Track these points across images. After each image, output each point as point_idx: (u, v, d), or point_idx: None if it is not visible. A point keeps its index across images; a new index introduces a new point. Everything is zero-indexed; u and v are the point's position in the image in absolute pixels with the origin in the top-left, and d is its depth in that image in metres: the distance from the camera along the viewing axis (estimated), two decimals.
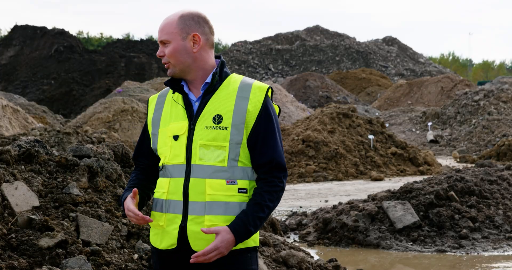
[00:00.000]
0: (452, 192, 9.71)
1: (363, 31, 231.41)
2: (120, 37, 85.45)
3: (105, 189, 5.74)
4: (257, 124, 3.05)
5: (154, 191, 3.20)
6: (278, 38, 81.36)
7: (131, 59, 57.96)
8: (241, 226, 2.98)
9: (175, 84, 3.16)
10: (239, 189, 3.04)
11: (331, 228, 9.68)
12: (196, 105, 3.11)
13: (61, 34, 62.56)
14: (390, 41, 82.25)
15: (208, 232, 2.95)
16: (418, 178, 16.53)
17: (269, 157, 3.06)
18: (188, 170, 3.04)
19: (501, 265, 8.31)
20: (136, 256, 5.24)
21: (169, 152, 3.09)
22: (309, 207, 12.94)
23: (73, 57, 57.51)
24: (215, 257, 2.95)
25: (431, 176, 13.34)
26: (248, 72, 71.49)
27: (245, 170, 3.07)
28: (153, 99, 3.26)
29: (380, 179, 17.16)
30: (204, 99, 3.08)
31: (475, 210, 9.64)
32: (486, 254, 8.79)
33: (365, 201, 10.31)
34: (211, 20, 3.22)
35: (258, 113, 3.05)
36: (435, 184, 10.04)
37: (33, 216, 5.04)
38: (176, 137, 3.08)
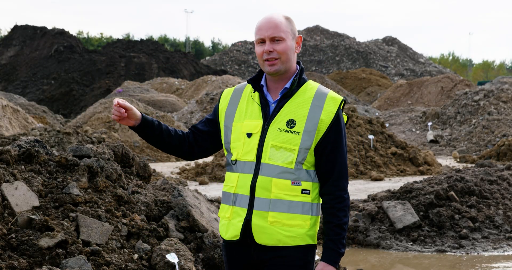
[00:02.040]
0: (452, 192, 9.71)
1: (363, 31, 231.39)
2: (120, 37, 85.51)
3: (105, 189, 5.74)
4: (328, 134, 3.23)
5: (223, 185, 3.37)
6: None
7: (131, 59, 57.96)
8: (333, 254, 3.27)
9: (256, 83, 3.33)
10: (302, 190, 3.23)
11: None
12: (272, 107, 3.28)
13: (61, 34, 62.56)
14: (390, 41, 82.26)
15: None
16: (418, 178, 16.53)
17: (335, 166, 3.25)
18: (257, 167, 3.23)
19: (501, 265, 8.31)
20: (136, 256, 5.24)
21: (241, 148, 3.27)
22: None
23: (73, 57, 57.50)
24: None
25: (431, 176, 13.34)
26: (248, 72, 71.48)
27: (309, 172, 3.25)
28: (229, 92, 3.42)
29: (380, 179, 17.16)
30: (281, 103, 3.26)
31: (475, 210, 9.64)
32: (486, 254, 8.79)
33: (365, 201, 10.31)
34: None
35: (330, 123, 3.23)
36: (435, 184, 10.04)
37: (33, 216, 5.04)
38: (249, 135, 3.26)
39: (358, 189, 15.40)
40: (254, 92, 3.32)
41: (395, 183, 16.05)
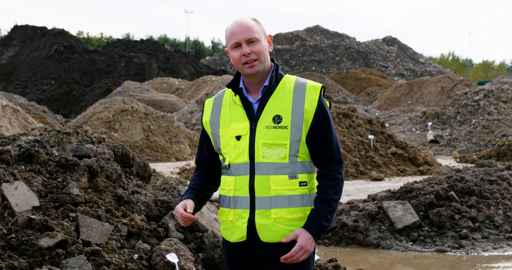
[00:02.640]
0: (452, 192, 9.71)
1: (363, 31, 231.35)
2: (120, 37, 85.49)
3: (105, 189, 5.73)
4: (315, 122, 3.28)
5: (220, 188, 3.45)
6: (278, 38, 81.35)
7: (131, 59, 57.95)
8: (314, 224, 3.24)
9: (235, 87, 3.39)
10: (300, 182, 3.29)
11: (331, 228, 9.68)
12: (255, 107, 3.33)
13: (61, 34, 62.56)
14: (390, 41, 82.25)
15: (288, 241, 3.22)
16: (418, 178, 16.53)
17: (328, 151, 3.31)
18: (252, 168, 3.27)
19: (501, 265, 8.31)
20: (136, 256, 5.24)
21: (233, 151, 3.31)
22: None
23: (73, 57, 57.49)
24: (303, 256, 3.22)
25: (431, 176, 13.33)
26: None
27: (304, 164, 3.31)
28: (209, 102, 3.48)
29: (380, 179, 17.15)
30: (263, 101, 3.31)
31: (475, 210, 9.64)
32: (486, 254, 8.79)
33: (365, 201, 10.31)
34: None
35: (315, 111, 3.28)
36: (435, 184, 10.04)
37: (33, 216, 5.04)
38: (238, 137, 3.31)
39: (358, 189, 15.40)
40: (235, 95, 3.37)
41: (395, 183, 16.05)
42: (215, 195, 12.14)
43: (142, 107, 28.19)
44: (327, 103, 3.38)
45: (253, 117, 3.30)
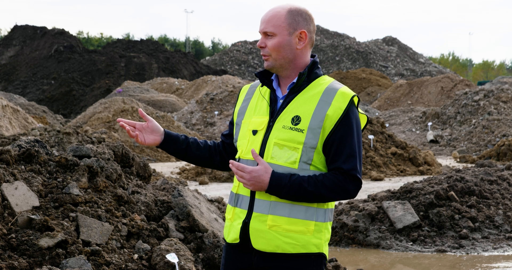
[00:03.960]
0: (452, 192, 9.71)
1: (363, 31, 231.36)
2: (120, 37, 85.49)
3: (105, 189, 5.73)
4: (334, 131, 2.95)
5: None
6: None
7: (131, 59, 57.95)
8: (281, 177, 2.93)
9: (266, 78, 3.10)
10: None
11: (331, 227, 9.68)
12: (279, 103, 3.05)
13: (61, 34, 62.56)
14: (390, 41, 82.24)
15: (254, 155, 2.94)
16: (418, 178, 16.53)
17: (337, 166, 2.96)
18: None
19: (501, 265, 8.31)
20: (136, 256, 5.24)
21: (246, 146, 3.06)
22: None
23: (73, 57, 57.50)
24: (241, 178, 2.94)
25: (431, 176, 13.33)
26: (248, 72, 71.47)
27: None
28: (245, 89, 3.22)
29: (380, 179, 17.15)
30: (288, 98, 3.02)
31: (475, 210, 9.64)
32: (486, 254, 8.79)
33: (365, 201, 10.30)
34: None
35: (338, 120, 2.94)
36: (435, 184, 10.04)
37: (33, 216, 5.04)
38: (255, 132, 3.05)
39: None
40: (262, 86, 3.12)
41: (395, 183, 16.05)
42: (215, 194, 12.14)
43: (142, 107, 28.20)
44: (363, 117, 3.06)
45: (274, 113, 3.03)
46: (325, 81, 3.06)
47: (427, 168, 18.65)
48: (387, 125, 30.75)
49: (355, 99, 3.00)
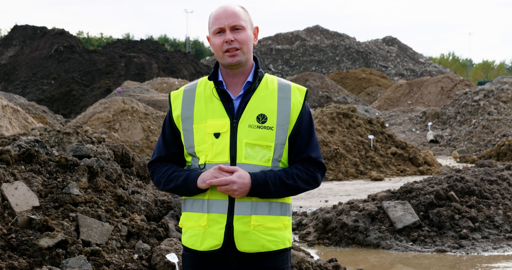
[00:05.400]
0: (452, 192, 9.71)
1: (363, 31, 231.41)
2: (120, 37, 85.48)
3: (105, 189, 5.73)
4: (298, 125, 3.06)
5: None
6: (278, 38, 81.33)
7: (131, 59, 57.94)
8: (261, 177, 2.96)
9: (215, 79, 3.10)
10: None
11: (331, 228, 9.68)
12: (236, 103, 3.05)
13: (61, 34, 62.56)
14: (390, 41, 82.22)
15: (226, 170, 2.93)
16: (418, 178, 16.53)
17: (310, 152, 3.08)
18: None
19: (501, 265, 8.31)
20: (136, 256, 5.24)
21: (210, 150, 3.01)
22: (309, 207, 12.94)
23: (73, 57, 57.49)
24: (224, 188, 2.92)
25: (431, 176, 13.33)
26: None
27: None
28: (178, 94, 3.14)
29: (380, 179, 17.15)
30: (245, 98, 3.05)
31: (475, 210, 9.64)
32: (486, 254, 8.79)
33: (365, 201, 10.30)
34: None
35: (299, 114, 3.07)
36: (435, 184, 10.04)
37: (33, 216, 5.04)
38: (217, 135, 3.00)
39: (358, 189, 15.40)
40: (214, 88, 3.08)
41: (395, 183, 16.05)
42: None
43: (142, 107, 28.20)
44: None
45: (234, 114, 3.02)
46: (272, 78, 3.14)
47: (427, 168, 18.65)
48: (387, 125, 30.75)
49: (307, 93, 3.15)
